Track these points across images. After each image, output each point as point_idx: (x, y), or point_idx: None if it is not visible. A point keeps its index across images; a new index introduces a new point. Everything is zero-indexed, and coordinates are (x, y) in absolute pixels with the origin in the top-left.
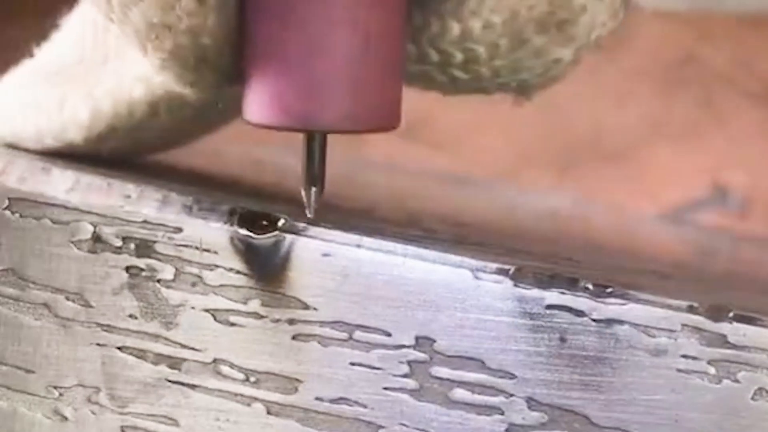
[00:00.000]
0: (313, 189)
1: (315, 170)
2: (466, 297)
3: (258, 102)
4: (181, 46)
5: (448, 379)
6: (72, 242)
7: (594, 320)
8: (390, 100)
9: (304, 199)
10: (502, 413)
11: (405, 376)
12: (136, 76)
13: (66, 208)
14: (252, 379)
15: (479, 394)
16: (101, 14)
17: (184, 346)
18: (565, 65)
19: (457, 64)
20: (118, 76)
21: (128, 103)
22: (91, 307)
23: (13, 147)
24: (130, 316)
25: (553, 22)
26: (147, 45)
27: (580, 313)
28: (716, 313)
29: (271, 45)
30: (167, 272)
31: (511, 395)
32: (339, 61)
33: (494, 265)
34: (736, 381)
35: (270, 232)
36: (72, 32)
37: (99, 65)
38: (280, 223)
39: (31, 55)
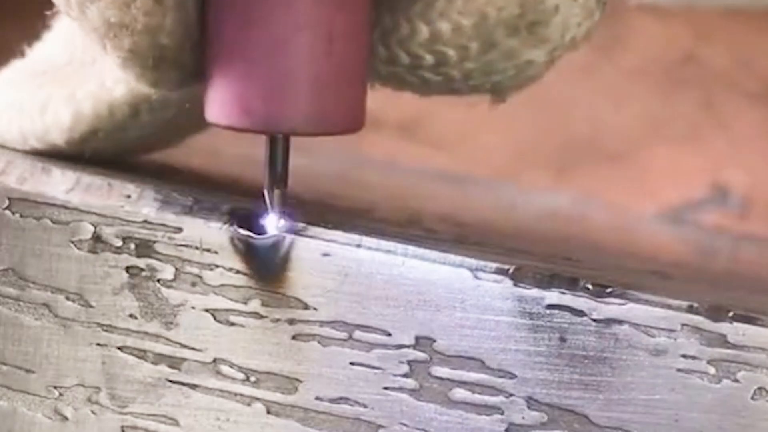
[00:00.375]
0: (276, 191)
1: (278, 172)
2: (466, 297)
3: (219, 102)
4: (139, 45)
5: (448, 379)
6: (72, 242)
7: (594, 320)
8: (353, 102)
9: (267, 201)
10: (502, 413)
11: (405, 375)
12: (118, 77)
13: (66, 208)
14: (252, 378)
15: (479, 393)
16: (61, 11)
17: (184, 346)
18: (539, 66)
19: (428, 67)
20: (99, 77)
21: (109, 104)
22: (91, 307)
23: (1, 147)
24: (131, 316)
25: (524, 24)
26: (106, 44)
27: (580, 313)
28: (716, 313)
29: (233, 45)
30: (167, 272)
31: (511, 395)
32: (301, 63)
33: (494, 265)
34: (736, 381)
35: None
36: (63, 32)
37: (88, 66)
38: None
39: (23, 56)
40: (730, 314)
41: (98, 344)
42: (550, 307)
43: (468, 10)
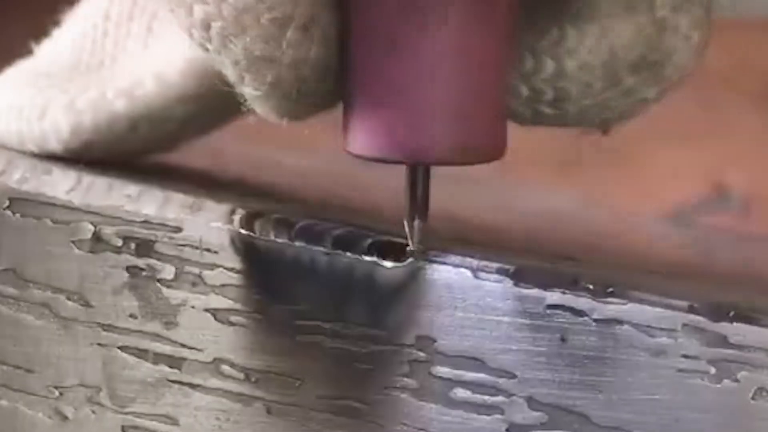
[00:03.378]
0: (417, 221)
1: (418, 202)
2: (466, 297)
3: (364, 133)
4: (282, 78)
5: (448, 379)
6: (72, 242)
7: (594, 320)
8: (497, 130)
9: (407, 232)
10: (503, 413)
11: (405, 375)
12: (119, 89)
13: (67, 208)
14: (252, 378)
15: (479, 393)
16: (195, 43)
17: (184, 346)
18: (650, 103)
19: (547, 101)
20: (102, 86)
21: (108, 116)
22: (91, 306)
23: (1, 147)
24: (131, 315)
25: (646, 63)
26: (245, 77)
27: (580, 313)
28: (716, 313)
29: (379, 75)
30: (168, 272)
31: (512, 395)
32: (449, 92)
33: (494, 265)
34: (736, 381)
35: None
36: (72, 33)
37: (94, 70)
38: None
39: (31, 53)
40: (731, 314)
41: (98, 344)
42: (551, 307)
43: (598, 48)
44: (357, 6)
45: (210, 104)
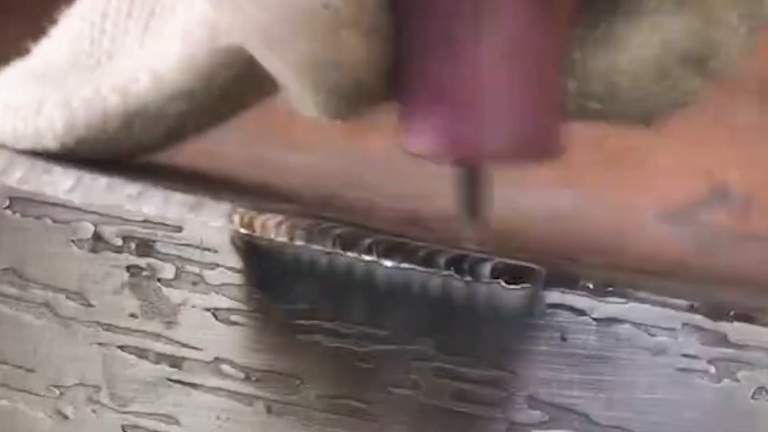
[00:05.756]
0: (475, 221)
1: (476, 202)
2: (466, 296)
3: (424, 134)
4: (341, 83)
5: (448, 378)
6: (73, 241)
7: (594, 319)
8: (554, 128)
9: (466, 232)
10: (503, 412)
11: (406, 374)
12: (113, 86)
13: (67, 207)
14: (253, 378)
15: (480, 392)
16: (249, 47)
17: (184, 345)
18: (695, 97)
19: (594, 95)
20: (96, 84)
21: (102, 114)
22: (91, 306)
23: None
24: (131, 315)
25: (695, 56)
26: (303, 82)
27: (580, 312)
28: (716, 313)
29: (435, 76)
30: (168, 271)
31: (512, 394)
32: (511, 92)
33: (495, 264)
34: (736, 380)
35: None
36: (70, 31)
37: (92, 68)
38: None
39: (28, 52)
40: (731, 314)
41: (99, 343)
42: (551, 306)
43: (649, 42)
44: (411, 8)
45: (204, 102)
